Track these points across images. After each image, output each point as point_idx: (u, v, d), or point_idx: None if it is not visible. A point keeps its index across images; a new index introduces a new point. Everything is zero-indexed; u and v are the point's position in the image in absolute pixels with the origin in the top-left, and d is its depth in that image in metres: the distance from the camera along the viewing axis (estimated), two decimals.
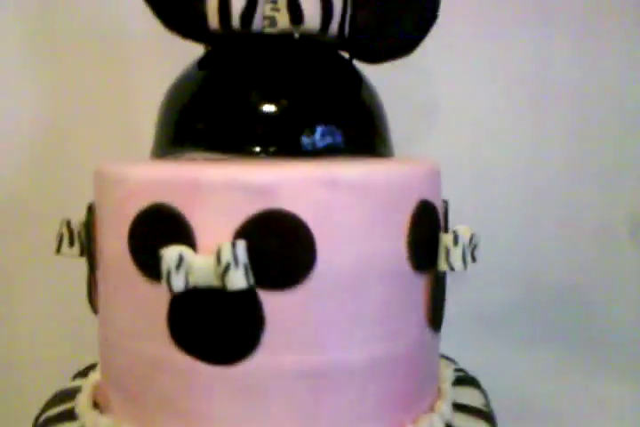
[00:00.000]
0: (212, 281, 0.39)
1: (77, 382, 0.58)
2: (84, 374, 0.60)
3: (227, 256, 0.38)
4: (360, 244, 0.42)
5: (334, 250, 0.41)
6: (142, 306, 0.43)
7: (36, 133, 0.69)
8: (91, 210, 0.50)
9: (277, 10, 0.48)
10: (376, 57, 0.52)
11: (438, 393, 0.53)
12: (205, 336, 0.42)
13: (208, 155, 0.46)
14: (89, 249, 0.50)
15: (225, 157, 0.46)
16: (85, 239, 0.51)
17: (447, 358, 0.63)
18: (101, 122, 0.66)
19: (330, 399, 0.43)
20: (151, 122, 0.53)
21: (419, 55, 0.50)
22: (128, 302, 0.44)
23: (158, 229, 0.42)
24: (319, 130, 0.47)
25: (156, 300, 0.42)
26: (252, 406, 0.42)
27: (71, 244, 0.52)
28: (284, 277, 0.41)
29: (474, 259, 0.47)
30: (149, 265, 0.42)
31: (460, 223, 0.46)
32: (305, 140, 0.47)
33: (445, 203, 0.51)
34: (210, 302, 0.41)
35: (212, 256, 0.39)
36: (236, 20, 0.47)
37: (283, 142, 0.46)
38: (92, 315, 0.52)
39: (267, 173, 0.40)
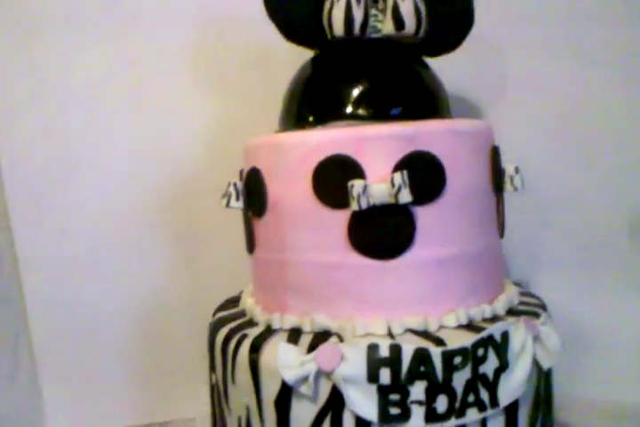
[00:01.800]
0: (386, 199, 0.59)
1: (227, 312, 0.76)
2: (222, 308, 0.79)
3: (399, 180, 0.58)
4: (468, 173, 0.64)
5: (456, 177, 0.62)
6: (325, 227, 0.62)
7: (207, 127, 0.96)
8: (255, 172, 0.68)
9: (380, 21, 0.69)
10: (438, 52, 0.74)
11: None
12: (375, 240, 0.62)
13: (350, 122, 0.66)
14: (257, 200, 0.68)
15: (361, 122, 0.66)
16: (250, 193, 0.69)
17: None
18: (252, 117, 0.91)
19: (457, 277, 0.64)
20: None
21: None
22: (311, 227, 0.63)
23: (338, 171, 0.61)
24: (417, 103, 0.69)
25: (337, 221, 0.62)
26: (407, 284, 0.62)
27: (237, 199, 0.71)
28: (426, 195, 0.61)
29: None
30: (331, 198, 0.62)
31: None
32: (407, 108, 0.68)
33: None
34: (378, 216, 0.61)
35: (384, 183, 0.59)
36: (356, 30, 0.67)
37: (392, 111, 0.67)
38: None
39: (412, 126, 0.62)
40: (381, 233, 0.62)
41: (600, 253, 0.95)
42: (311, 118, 0.69)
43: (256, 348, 0.62)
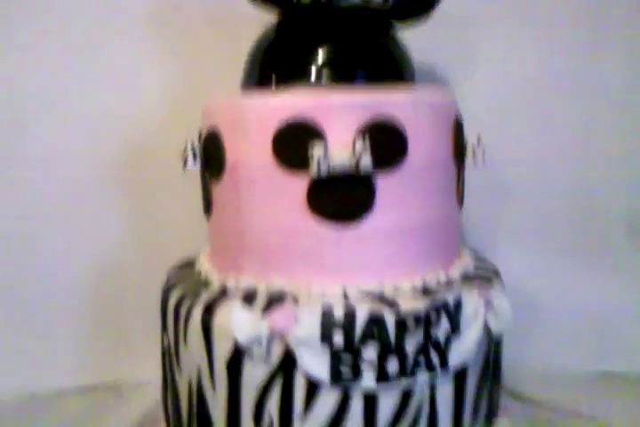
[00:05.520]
0: (346, 165, 0.59)
1: (182, 273, 0.75)
2: (177, 269, 0.77)
3: (360, 147, 0.58)
4: (430, 143, 0.64)
5: (418, 146, 0.62)
6: (284, 192, 0.62)
7: (165, 85, 0.93)
8: (214, 133, 0.67)
9: None
10: (410, 17, 0.73)
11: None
12: (334, 205, 0.62)
13: (313, 86, 0.65)
14: (215, 162, 0.67)
15: (324, 87, 0.65)
16: (208, 155, 0.68)
17: None
18: (212, 76, 0.90)
19: (414, 244, 0.64)
20: None
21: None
22: (270, 191, 0.62)
23: (299, 135, 0.60)
24: (377, 67, 0.68)
25: (296, 185, 0.61)
26: (364, 251, 0.63)
27: (194, 161, 0.69)
28: (387, 163, 0.61)
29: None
30: (291, 160, 0.61)
31: None
32: (372, 73, 0.67)
33: None
34: (338, 182, 0.61)
35: (346, 149, 0.59)
36: None
37: (357, 75, 0.67)
38: None
39: (377, 93, 0.61)
40: (341, 199, 0.62)
41: (557, 227, 0.98)
42: (273, 81, 0.68)
43: (209, 309, 0.62)
